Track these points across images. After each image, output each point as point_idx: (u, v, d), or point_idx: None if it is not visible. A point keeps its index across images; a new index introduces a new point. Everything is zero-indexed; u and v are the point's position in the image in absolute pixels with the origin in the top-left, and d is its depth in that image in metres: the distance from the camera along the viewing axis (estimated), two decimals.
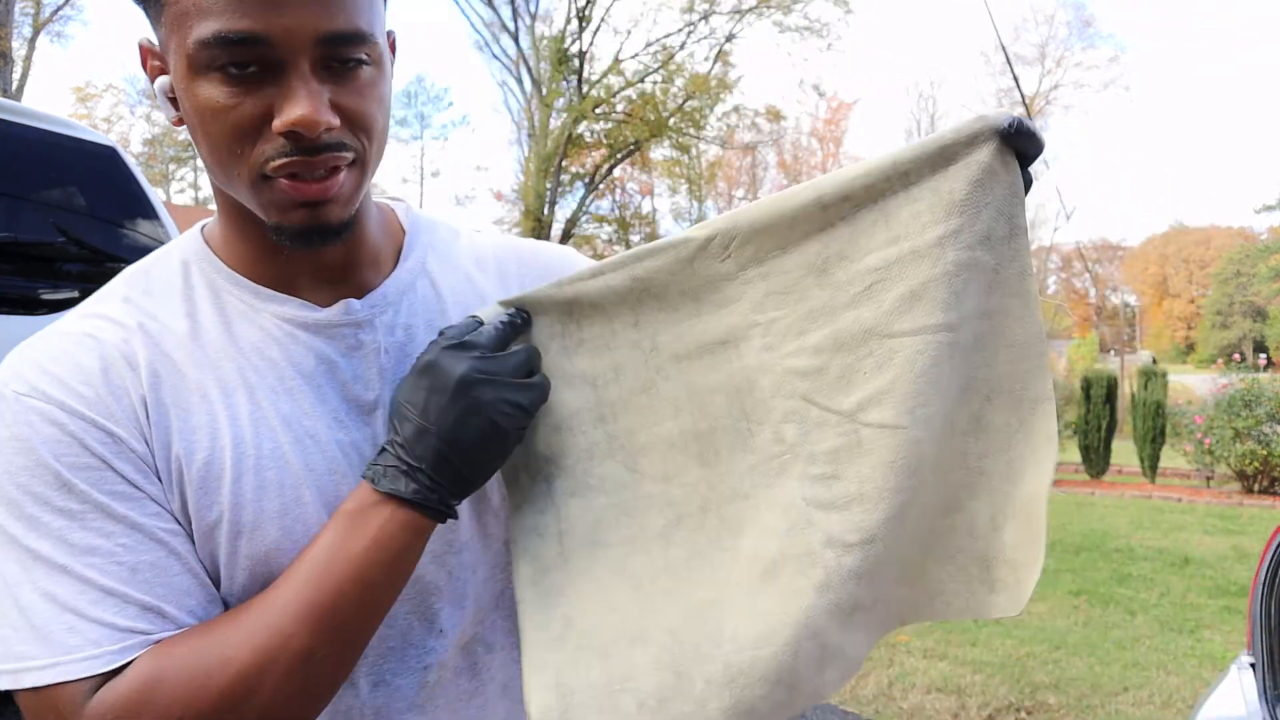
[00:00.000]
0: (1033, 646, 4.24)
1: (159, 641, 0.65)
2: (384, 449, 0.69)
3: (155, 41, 0.69)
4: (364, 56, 0.65)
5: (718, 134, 26.85)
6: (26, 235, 3.03)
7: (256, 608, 0.66)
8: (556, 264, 0.87)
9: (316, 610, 0.64)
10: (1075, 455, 10.97)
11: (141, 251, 3.29)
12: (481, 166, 69.20)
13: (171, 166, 46.29)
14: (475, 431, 0.67)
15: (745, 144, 32.60)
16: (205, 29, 0.60)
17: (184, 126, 0.69)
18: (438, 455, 0.67)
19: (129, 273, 0.76)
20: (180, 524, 0.69)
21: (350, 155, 0.66)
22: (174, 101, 0.68)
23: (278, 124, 0.62)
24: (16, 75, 20.82)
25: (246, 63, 0.61)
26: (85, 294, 3.01)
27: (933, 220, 0.63)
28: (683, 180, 34.29)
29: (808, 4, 23.54)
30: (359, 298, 0.76)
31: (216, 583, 0.70)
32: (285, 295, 0.74)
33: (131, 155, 3.51)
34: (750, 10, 22.66)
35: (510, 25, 24.22)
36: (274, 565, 0.69)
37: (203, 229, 0.78)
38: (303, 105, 0.61)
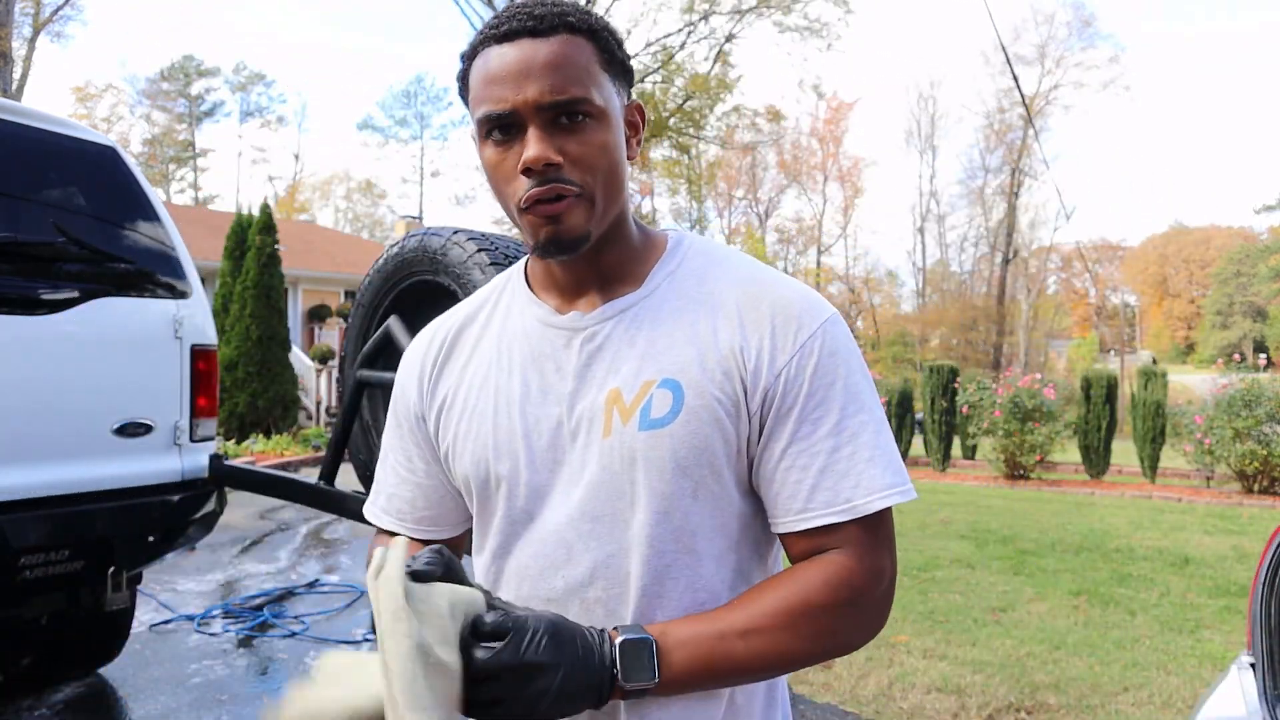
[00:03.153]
0: (1033, 646, 4.24)
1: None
2: None
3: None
4: (582, 114, 0.89)
5: (717, 134, 26.85)
6: (26, 235, 3.03)
7: None
8: (778, 306, 0.94)
9: None
10: (1075, 455, 10.97)
11: (141, 251, 3.29)
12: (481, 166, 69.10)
13: (171, 166, 46.25)
14: None
15: (745, 144, 32.60)
16: (480, 112, 0.91)
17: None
18: None
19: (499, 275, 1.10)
20: (417, 456, 1.07)
21: (576, 189, 0.89)
22: None
23: (520, 166, 0.89)
24: (16, 75, 20.79)
25: (505, 129, 0.90)
26: (85, 294, 2.99)
27: None
28: (683, 180, 34.25)
29: (808, 4, 23.57)
30: (602, 306, 0.97)
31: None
32: (543, 301, 1.00)
33: (131, 155, 3.51)
34: (750, 10, 22.65)
35: None
36: (467, 488, 1.01)
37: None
38: (532, 149, 0.88)
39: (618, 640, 0.85)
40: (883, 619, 0.94)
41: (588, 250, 0.93)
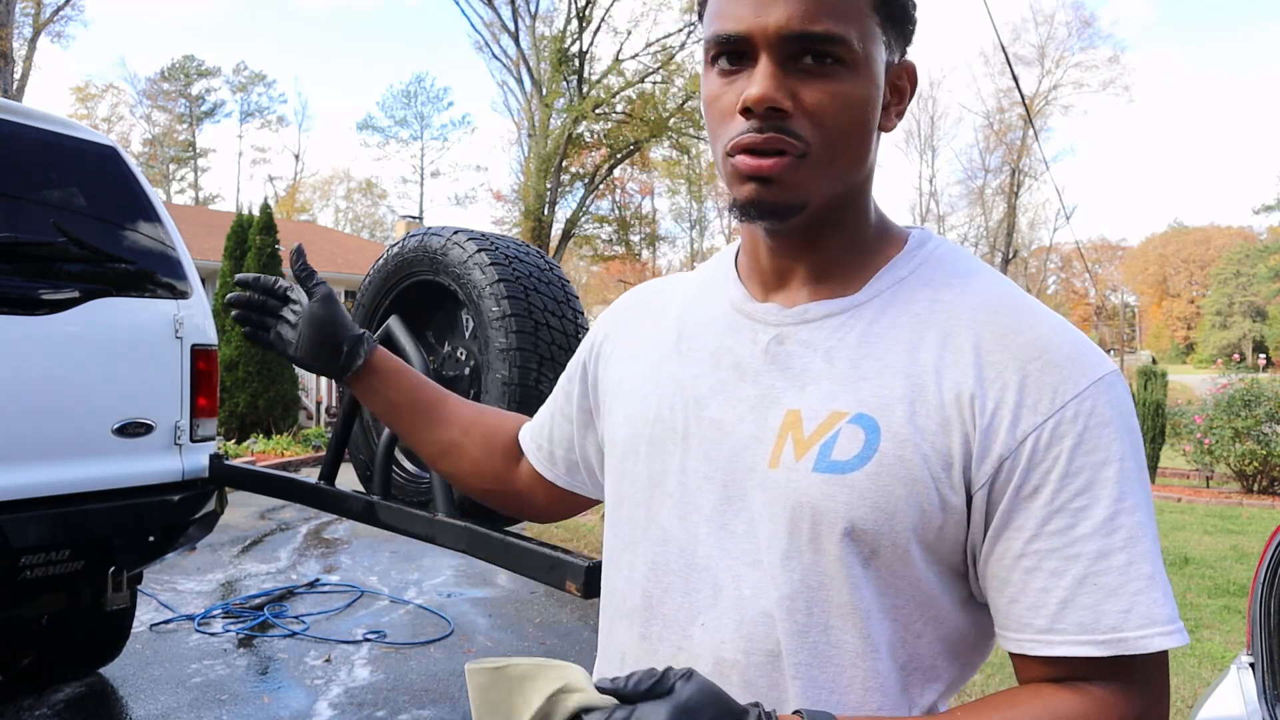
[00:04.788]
0: None
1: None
2: None
3: None
4: (832, 57, 0.71)
5: None
6: (26, 235, 3.03)
7: None
8: (1034, 349, 0.71)
9: None
10: None
11: (141, 252, 3.29)
12: (481, 166, 69.21)
13: (171, 166, 46.26)
14: None
15: None
16: (710, 30, 0.75)
17: None
18: None
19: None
20: (577, 394, 0.99)
21: (800, 146, 0.72)
22: None
23: (739, 104, 0.72)
24: (17, 75, 20.80)
25: (733, 56, 0.73)
26: (85, 294, 2.99)
27: None
28: (683, 180, 34.27)
29: None
30: (806, 303, 0.80)
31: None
32: (743, 284, 0.84)
33: (132, 155, 3.51)
34: None
35: (510, 25, 24.22)
36: (614, 479, 0.87)
37: None
38: (758, 85, 0.71)
39: None
40: None
41: (804, 231, 0.77)
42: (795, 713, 0.67)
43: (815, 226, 0.77)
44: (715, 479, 0.78)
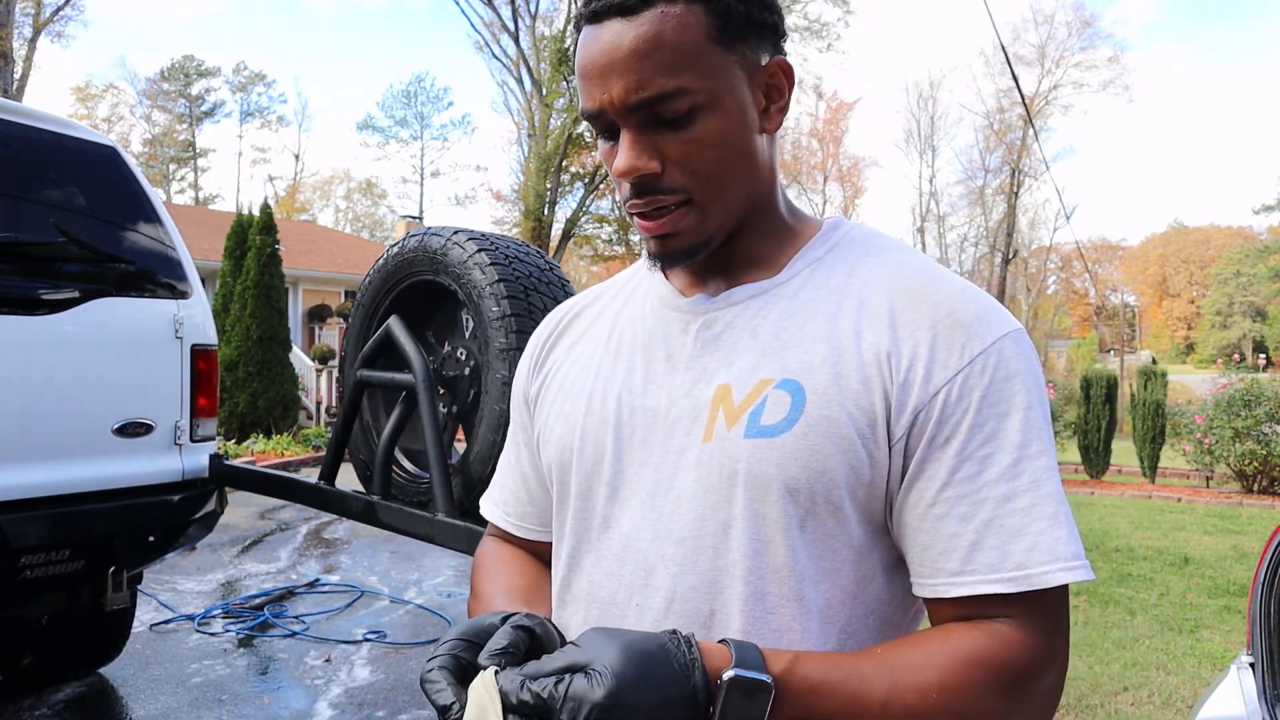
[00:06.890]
0: None
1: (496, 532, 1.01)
2: None
3: None
4: (682, 109, 0.75)
5: None
6: (27, 235, 3.03)
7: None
8: (943, 309, 0.76)
9: None
10: (1075, 455, 10.97)
11: (141, 252, 3.29)
12: (481, 166, 69.15)
13: (171, 166, 46.26)
14: None
15: None
16: (580, 106, 0.80)
17: None
18: None
19: None
20: (524, 443, 0.97)
21: (679, 196, 0.78)
22: None
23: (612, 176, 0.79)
24: (17, 75, 20.81)
25: (604, 129, 0.79)
26: (85, 294, 2.98)
27: None
28: None
29: (808, 4, 23.54)
30: (730, 289, 0.85)
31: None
32: (669, 280, 0.88)
33: (132, 155, 3.51)
34: None
35: (510, 25, 24.21)
36: (550, 480, 0.90)
37: None
38: (621, 159, 0.77)
39: (725, 675, 0.66)
40: (1051, 715, 0.75)
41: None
42: (721, 642, 0.69)
43: (724, 239, 0.82)
44: (650, 463, 0.81)
